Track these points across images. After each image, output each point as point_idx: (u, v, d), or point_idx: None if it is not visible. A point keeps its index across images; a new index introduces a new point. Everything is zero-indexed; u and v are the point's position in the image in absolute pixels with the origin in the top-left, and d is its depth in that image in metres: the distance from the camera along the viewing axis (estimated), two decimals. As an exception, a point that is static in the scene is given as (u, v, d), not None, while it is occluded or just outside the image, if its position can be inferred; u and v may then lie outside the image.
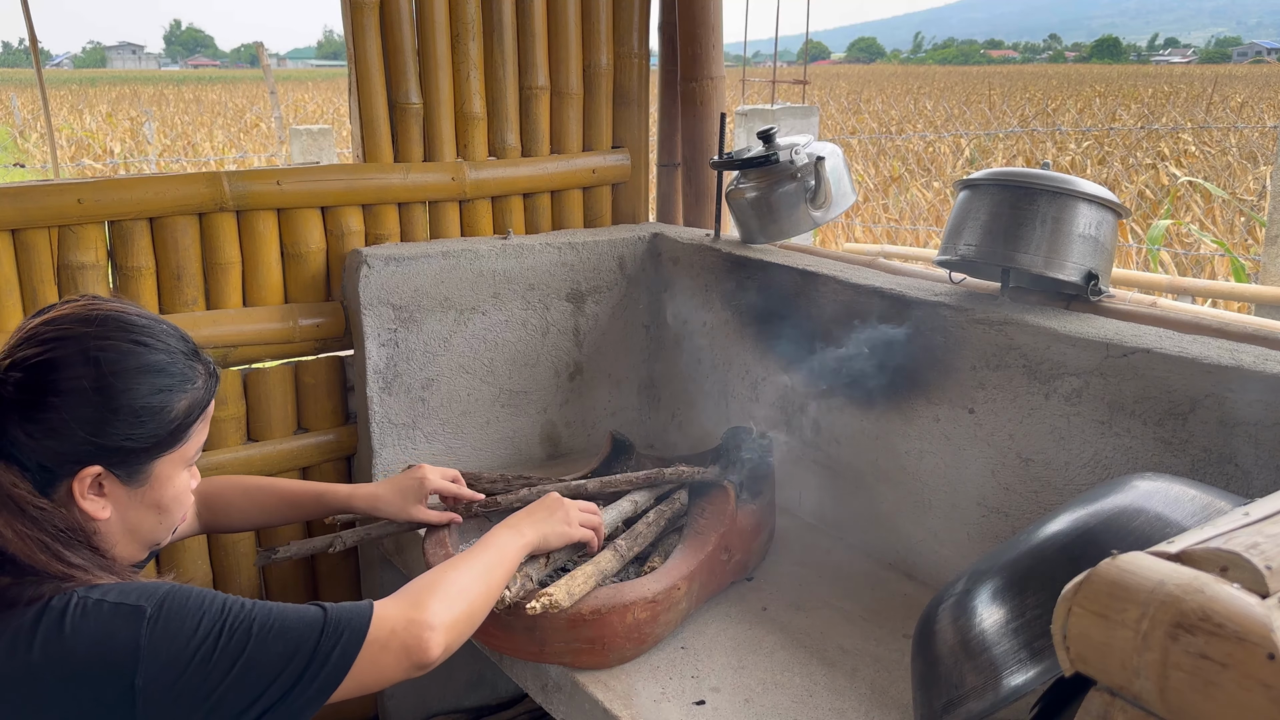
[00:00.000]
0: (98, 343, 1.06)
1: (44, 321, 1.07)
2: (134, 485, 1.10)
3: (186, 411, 1.12)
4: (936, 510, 1.62)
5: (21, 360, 1.04)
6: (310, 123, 16.55)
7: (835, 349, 1.77)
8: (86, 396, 1.04)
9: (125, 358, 1.07)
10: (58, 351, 1.04)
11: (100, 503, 1.08)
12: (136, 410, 1.07)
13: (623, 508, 1.60)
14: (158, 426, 1.09)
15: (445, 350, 2.03)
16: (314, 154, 7.97)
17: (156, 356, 1.09)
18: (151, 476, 1.11)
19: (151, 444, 1.09)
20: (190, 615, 1.00)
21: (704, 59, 2.34)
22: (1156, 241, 5.43)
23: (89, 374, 1.04)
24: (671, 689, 1.37)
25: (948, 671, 1.04)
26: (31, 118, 19.35)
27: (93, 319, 1.07)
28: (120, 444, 1.07)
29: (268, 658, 1.00)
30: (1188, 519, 0.95)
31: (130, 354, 1.07)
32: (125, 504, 1.11)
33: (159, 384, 1.09)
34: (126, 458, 1.08)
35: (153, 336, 1.10)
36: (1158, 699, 0.63)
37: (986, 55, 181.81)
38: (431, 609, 1.10)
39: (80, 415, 1.04)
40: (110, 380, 1.05)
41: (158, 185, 1.87)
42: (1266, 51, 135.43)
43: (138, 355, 1.08)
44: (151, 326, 1.12)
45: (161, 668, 0.97)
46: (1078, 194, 1.46)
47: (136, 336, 1.09)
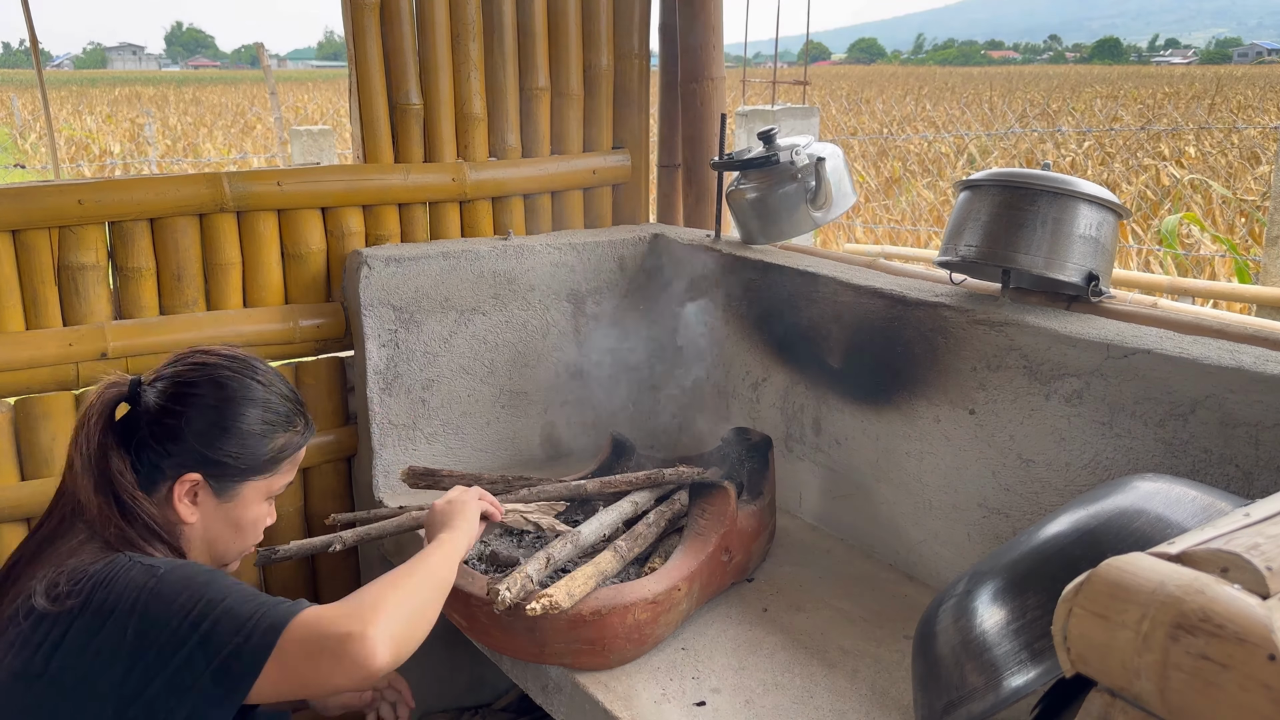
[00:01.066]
0: (228, 373, 1.28)
1: (192, 350, 1.31)
2: (222, 500, 1.29)
3: (281, 448, 1.31)
4: (937, 511, 1.62)
5: (168, 375, 1.27)
6: (311, 123, 16.55)
7: (835, 350, 1.77)
8: (208, 413, 1.25)
9: (246, 389, 1.28)
10: (197, 373, 1.27)
11: (192, 509, 1.26)
12: (243, 434, 1.27)
13: (623, 508, 1.60)
14: (256, 453, 1.28)
15: (446, 351, 2.03)
16: (314, 155, 7.97)
17: (269, 395, 1.30)
18: (239, 496, 1.30)
19: (247, 467, 1.28)
20: (179, 591, 1.11)
21: (704, 60, 2.34)
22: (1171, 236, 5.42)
23: (215, 395, 1.26)
24: (672, 690, 1.37)
25: (948, 672, 1.04)
26: (32, 118, 19.36)
27: (230, 356, 1.31)
28: (222, 459, 1.26)
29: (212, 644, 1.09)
30: (1188, 520, 0.95)
31: (250, 388, 1.29)
32: (211, 515, 1.29)
33: (266, 418, 1.29)
34: (224, 473, 1.27)
35: (270, 381, 1.32)
36: (1158, 700, 0.63)
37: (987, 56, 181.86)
38: (377, 622, 1.12)
39: (198, 428, 1.24)
40: (229, 404, 1.26)
41: (158, 186, 1.87)
42: (1267, 52, 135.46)
43: (255, 390, 1.29)
44: (271, 374, 1.33)
45: (148, 623, 1.09)
46: (1078, 195, 1.46)
47: (258, 377, 1.31)
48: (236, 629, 1.09)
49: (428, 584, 1.24)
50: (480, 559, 1.62)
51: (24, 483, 1.82)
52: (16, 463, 1.82)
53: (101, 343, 1.84)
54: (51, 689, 1.09)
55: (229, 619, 1.10)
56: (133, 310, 1.90)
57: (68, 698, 1.09)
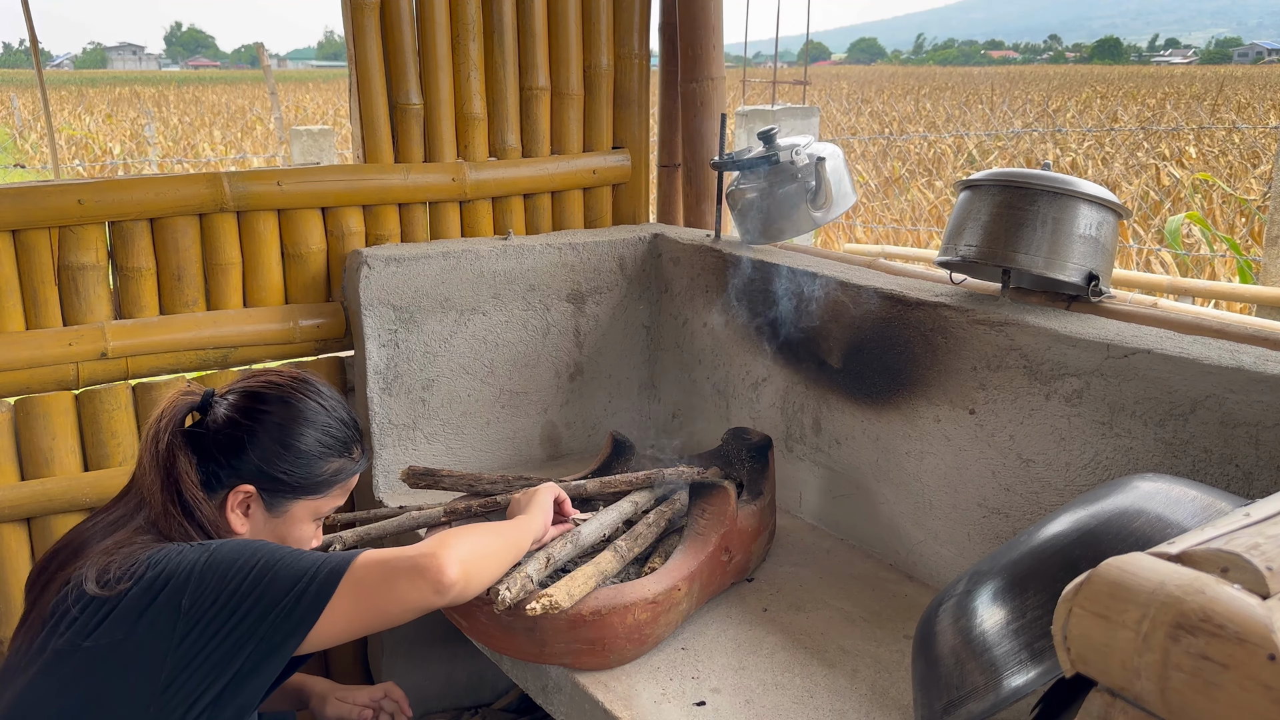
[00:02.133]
0: (295, 394, 1.34)
1: (265, 369, 1.40)
2: (272, 514, 1.33)
3: (336, 471, 1.36)
4: (937, 511, 1.62)
5: (239, 389, 1.35)
6: (311, 123, 16.56)
7: (835, 350, 1.77)
8: (271, 430, 1.31)
9: (309, 411, 1.34)
10: (266, 390, 1.34)
11: (243, 519, 1.32)
12: (300, 453, 1.32)
13: (623, 508, 1.60)
14: (310, 473, 1.33)
15: (445, 351, 2.03)
16: (314, 155, 7.97)
17: (330, 420, 1.36)
18: (288, 513, 1.34)
19: (299, 485, 1.33)
20: (238, 555, 1.18)
21: (704, 59, 2.34)
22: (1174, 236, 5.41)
23: (280, 413, 1.32)
24: (672, 690, 1.37)
25: (948, 672, 1.04)
26: (32, 118, 19.36)
27: (299, 379, 1.37)
28: (277, 475, 1.31)
29: (270, 596, 1.15)
30: (1188, 520, 0.95)
31: (314, 410, 1.34)
32: (260, 528, 1.33)
33: (324, 440, 1.34)
34: (277, 489, 1.32)
35: (332, 407, 1.37)
36: (1158, 700, 0.63)
37: (987, 56, 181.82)
38: (446, 546, 1.23)
39: (260, 442, 1.30)
40: (292, 423, 1.32)
41: (158, 186, 1.87)
42: (1268, 52, 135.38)
43: (317, 413, 1.35)
44: (335, 400, 1.39)
45: (202, 593, 1.14)
46: (1078, 195, 1.46)
47: (322, 401, 1.36)
48: (297, 576, 1.16)
49: (496, 534, 1.35)
50: (480, 559, 1.62)
51: (24, 482, 1.82)
52: (16, 463, 1.82)
53: (101, 343, 1.84)
54: (99, 659, 1.13)
55: (288, 570, 1.17)
56: (133, 310, 1.90)
57: (116, 668, 1.13)
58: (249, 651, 1.14)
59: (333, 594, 1.16)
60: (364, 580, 1.17)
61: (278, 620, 1.14)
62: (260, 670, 1.15)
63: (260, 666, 1.15)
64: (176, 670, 1.12)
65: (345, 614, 1.16)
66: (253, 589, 1.14)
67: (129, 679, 1.12)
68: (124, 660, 1.13)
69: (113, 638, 1.13)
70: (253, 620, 1.14)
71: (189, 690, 1.12)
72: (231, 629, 1.13)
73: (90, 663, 1.13)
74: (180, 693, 1.12)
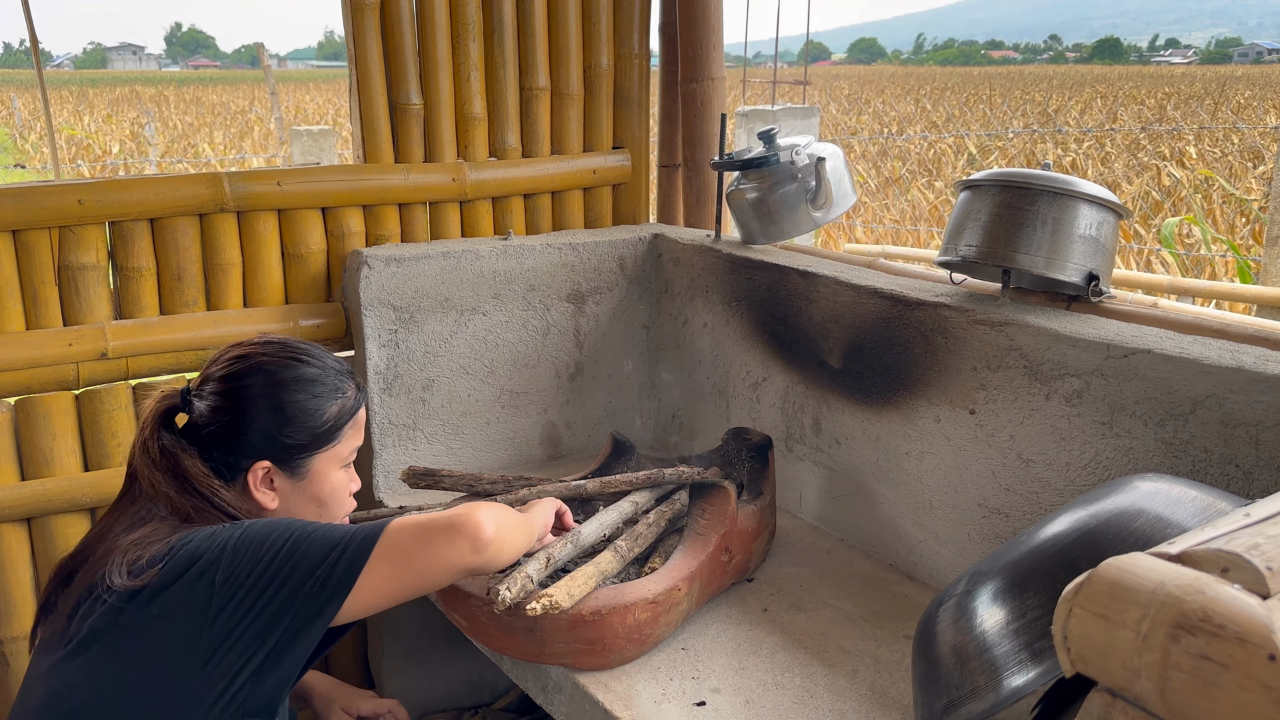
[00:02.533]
0: (267, 359, 1.31)
1: (227, 347, 1.34)
2: (296, 479, 1.33)
3: (337, 416, 1.34)
4: (937, 511, 1.62)
5: (213, 376, 1.31)
6: (311, 123, 16.56)
7: (836, 350, 1.77)
8: (257, 402, 1.29)
9: (288, 370, 1.31)
10: (238, 367, 1.30)
11: (270, 495, 1.32)
12: (296, 413, 1.30)
13: (623, 508, 1.60)
14: (312, 428, 1.31)
15: (446, 351, 2.03)
16: (315, 155, 7.97)
17: (311, 370, 1.33)
18: (310, 472, 1.33)
19: (308, 442, 1.31)
20: (271, 529, 1.18)
21: (704, 60, 2.34)
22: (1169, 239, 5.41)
23: (261, 384, 1.30)
24: (672, 690, 1.37)
25: (948, 672, 1.04)
26: (32, 118, 19.36)
27: (265, 342, 1.34)
28: (283, 441, 1.30)
29: (304, 566, 1.16)
30: (1189, 520, 0.95)
31: (290, 367, 1.32)
32: (289, 496, 1.33)
33: (314, 391, 1.32)
34: (289, 454, 1.31)
35: (309, 355, 1.34)
36: (1158, 700, 0.63)
37: (987, 56, 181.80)
38: (477, 508, 1.25)
39: (251, 416, 1.29)
40: (276, 389, 1.30)
41: (158, 186, 1.87)
42: (1268, 52, 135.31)
43: (296, 369, 1.32)
44: (309, 349, 1.36)
45: (236, 568, 1.15)
46: (1078, 195, 1.46)
47: (295, 355, 1.33)
48: (331, 546, 1.17)
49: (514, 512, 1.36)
50: (480, 559, 1.62)
51: (24, 483, 1.82)
52: (16, 463, 1.82)
53: (101, 343, 1.84)
54: (137, 637, 1.14)
55: (321, 541, 1.17)
56: (133, 310, 1.90)
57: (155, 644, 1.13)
58: (286, 623, 1.15)
59: (367, 560, 1.16)
60: (399, 544, 1.18)
61: (314, 590, 1.15)
62: (298, 641, 1.16)
63: (298, 638, 1.16)
64: (215, 644, 1.13)
65: (383, 579, 1.17)
66: (287, 560, 1.15)
67: (169, 654, 1.13)
68: (162, 637, 1.14)
69: (149, 615, 1.14)
70: (288, 591, 1.15)
71: (229, 663, 1.13)
72: (267, 602, 1.14)
73: (128, 641, 1.14)
74: (220, 666, 1.13)
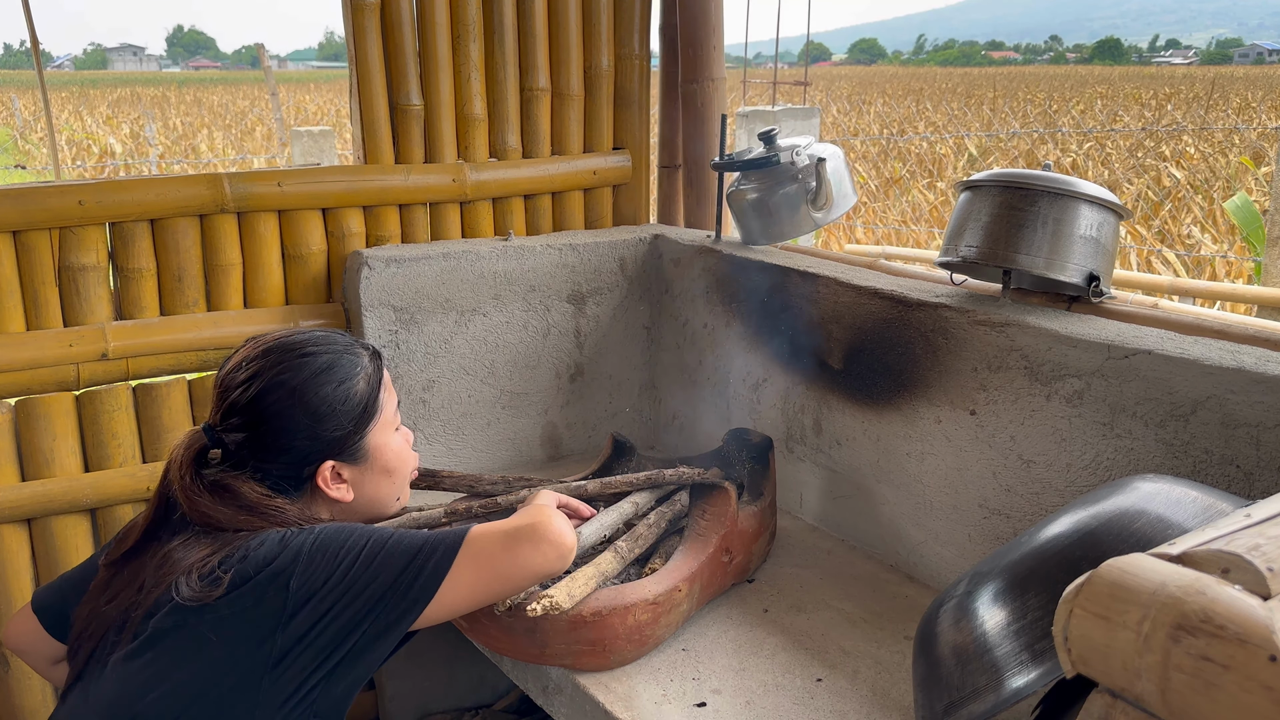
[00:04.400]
0: (275, 370, 1.26)
1: (229, 371, 1.28)
2: (361, 463, 1.32)
3: (367, 389, 1.32)
4: (938, 512, 1.62)
5: (237, 404, 1.26)
6: (311, 124, 16.57)
7: (836, 350, 1.77)
8: (289, 413, 1.25)
9: (300, 372, 1.27)
10: (253, 388, 1.26)
11: (344, 488, 1.31)
12: (330, 408, 1.27)
13: (623, 509, 1.60)
14: (351, 411, 1.29)
15: (446, 352, 2.03)
16: (315, 155, 7.98)
17: (323, 359, 1.29)
18: (370, 450, 1.32)
19: (355, 426, 1.30)
20: (346, 537, 1.18)
21: (705, 60, 2.34)
22: (1248, 214, 5.39)
23: (282, 396, 1.25)
24: (672, 691, 1.36)
25: (949, 673, 1.04)
26: (33, 119, 19.37)
27: (264, 351, 1.28)
28: (333, 436, 1.28)
29: (385, 574, 1.16)
30: (1189, 520, 0.95)
31: (303, 367, 1.27)
32: (362, 481, 1.33)
33: (336, 378, 1.29)
34: (344, 445, 1.29)
35: (315, 345, 1.30)
36: (1159, 701, 0.63)
37: (988, 57, 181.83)
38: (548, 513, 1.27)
39: (291, 428, 1.25)
40: (299, 394, 1.26)
41: (159, 187, 1.87)
42: (1268, 53, 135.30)
43: (309, 365, 1.28)
44: (309, 337, 1.31)
45: (311, 574, 1.14)
46: (1078, 195, 1.46)
47: (301, 351, 1.29)
48: (412, 553, 1.17)
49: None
50: (481, 560, 1.62)
51: (24, 483, 1.82)
52: (17, 463, 1.82)
53: (102, 343, 1.84)
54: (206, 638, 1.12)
55: (401, 548, 1.18)
56: (133, 311, 1.90)
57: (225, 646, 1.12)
58: (365, 628, 1.15)
59: (450, 566, 1.17)
60: (484, 550, 1.19)
61: (395, 596, 1.15)
62: (375, 646, 1.16)
63: (375, 643, 1.16)
64: (288, 647, 1.12)
65: (466, 585, 1.18)
66: (366, 567, 1.15)
67: (239, 655, 1.12)
68: (233, 638, 1.13)
69: (219, 616, 1.13)
70: (367, 598, 1.14)
71: (300, 666, 1.13)
72: (345, 608, 1.14)
73: (198, 641, 1.13)
74: (291, 669, 1.13)
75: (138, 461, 1.90)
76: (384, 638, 1.16)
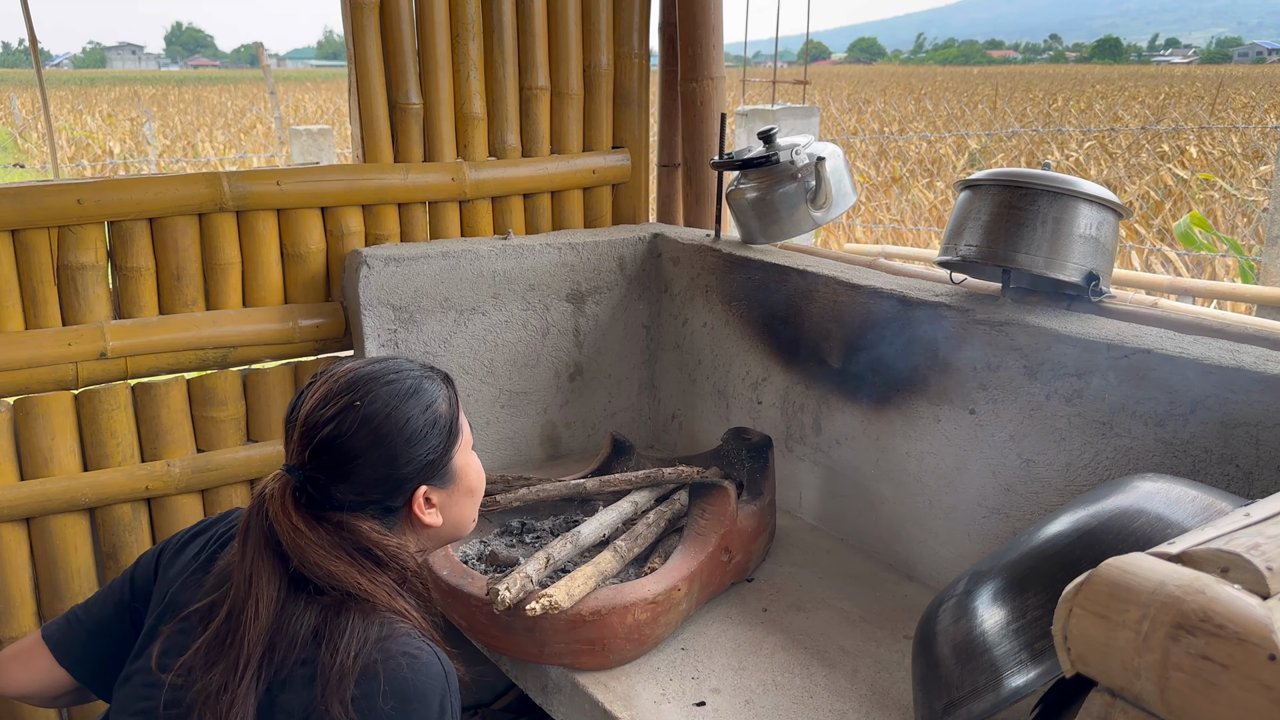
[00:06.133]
0: (368, 399, 1.21)
1: (313, 409, 1.21)
2: (450, 485, 1.29)
3: (449, 410, 1.28)
4: (937, 511, 1.62)
5: (324, 443, 1.19)
6: (310, 123, 16.56)
7: (835, 349, 1.77)
8: (387, 441, 1.20)
9: (391, 398, 1.22)
10: (346, 421, 1.20)
11: (434, 512, 1.27)
12: (423, 430, 1.23)
13: (623, 508, 1.60)
14: (441, 432, 1.25)
15: (445, 351, 2.03)
16: (314, 154, 7.98)
17: (407, 383, 1.25)
18: (457, 470, 1.29)
19: (445, 447, 1.26)
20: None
21: (704, 59, 2.34)
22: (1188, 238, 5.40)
23: (379, 425, 1.20)
24: (672, 690, 1.36)
25: (949, 672, 1.04)
26: (31, 118, 19.36)
27: (351, 385, 1.23)
28: (427, 460, 1.24)
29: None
30: (1189, 520, 0.95)
31: (392, 394, 1.23)
32: (449, 503, 1.29)
33: (423, 402, 1.25)
34: (435, 469, 1.25)
35: (395, 372, 1.26)
36: (1158, 700, 0.63)
37: (988, 56, 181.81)
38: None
39: (390, 457, 1.21)
40: (394, 419, 1.21)
41: (158, 186, 1.87)
42: (1268, 52, 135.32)
43: (396, 391, 1.23)
44: (387, 365, 1.27)
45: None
46: (1078, 194, 1.46)
47: (385, 379, 1.24)
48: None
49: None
50: (480, 559, 1.62)
51: (23, 482, 1.81)
52: (16, 463, 1.82)
53: (101, 342, 1.84)
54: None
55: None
56: (132, 310, 1.90)
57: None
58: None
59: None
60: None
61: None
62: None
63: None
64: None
65: None
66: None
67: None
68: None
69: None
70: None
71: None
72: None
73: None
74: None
75: (136, 460, 1.90)
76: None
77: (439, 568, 1.50)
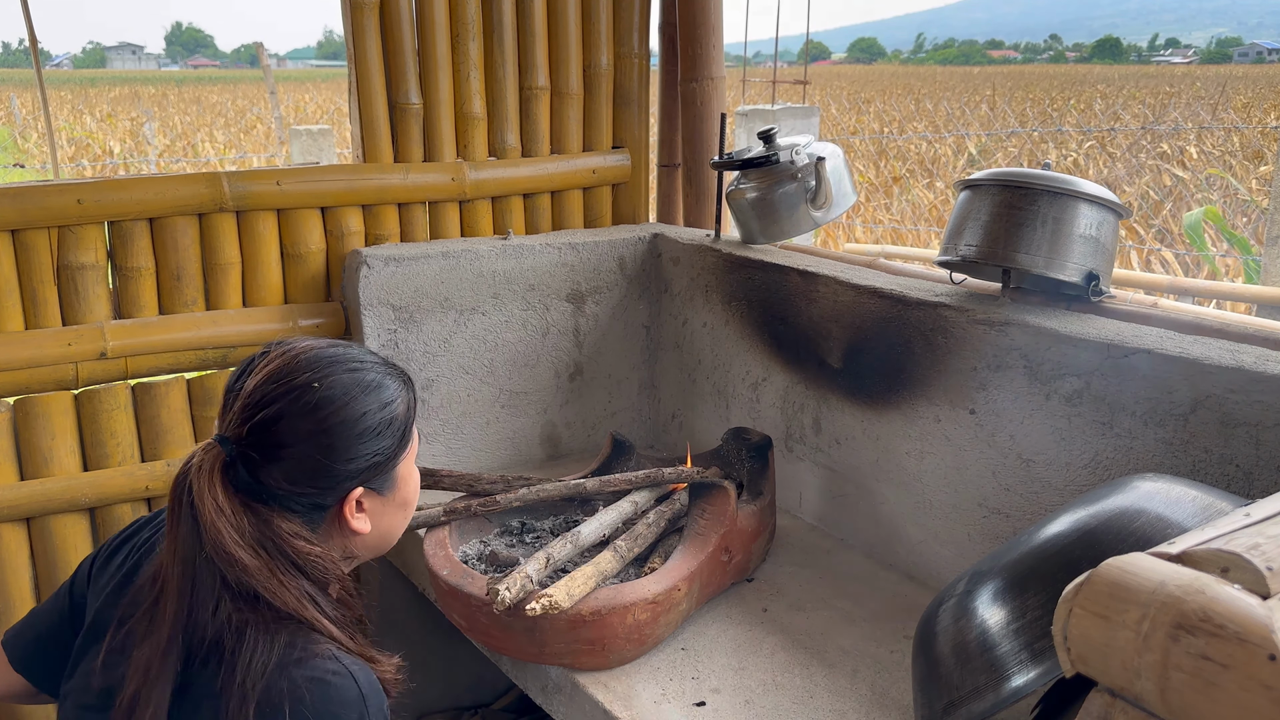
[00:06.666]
0: (322, 383, 1.11)
1: (261, 382, 1.10)
2: (387, 493, 1.19)
3: (406, 414, 1.19)
4: (937, 511, 1.62)
5: (264, 423, 1.09)
6: (310, 123, 16.55)
7: (835, 349, 1.77)
8: (336, 431, 1.11)
9: (351, 387, 1.12)
10: (291, 405, 1.09)
11: (364, 519, 1.17)
12: (374, 429, 1.13)
13: (623, 508, 1.60)
14: (394, 434, 1.16)
15: (445, 351, 2.03)
16: (314, 154, 7.98)
17: (370, 376, 1.15)
18: (398, 479, 1.20)
19: (394, 451, 1.17)
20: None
21: (704, 59, 2.34)
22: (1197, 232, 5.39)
23: (331, 413, 1.10)
24: (672, 690, 1.36)
25: (949, 672, 1.04)
26: (31, 118, 19.35)
27: (310, 364, 1.12)
28: (371, 461, 1.14)
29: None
30: (1189, 520, 0.95)
31: (353, 383, 1.13)
32: (381, 512, 1.20)
33: (383, 399, 1.15)
34: (378, 471, 1.16)
35: (357, 360, 1.16)
36: (1158, 700, 0.63)
37: (988, 55, 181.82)
38: None
39: (336, 448, 1.11)
40: (344, 412, 1.11)
41: (157, 186, 1.87)
42: (1268, 52, 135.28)
43: (357, 381, 1.14)
44: (348, 352, 1.17)
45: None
46: (1078, 194, 1.46)
47: (347, 365, 1.14)
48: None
49: None
50: (480, 559, 1.62)
51: (23, 482, 1.82)
52: (16, 463, 1.82)
53: (101, 342, 1.84)
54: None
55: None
56: (132, 310, 1.90)
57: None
58: None
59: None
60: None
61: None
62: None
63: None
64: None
65: None
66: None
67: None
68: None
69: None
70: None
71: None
72: None
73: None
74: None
75: (136, 460, 1.90)
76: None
77: (439, 568, 1.50)
